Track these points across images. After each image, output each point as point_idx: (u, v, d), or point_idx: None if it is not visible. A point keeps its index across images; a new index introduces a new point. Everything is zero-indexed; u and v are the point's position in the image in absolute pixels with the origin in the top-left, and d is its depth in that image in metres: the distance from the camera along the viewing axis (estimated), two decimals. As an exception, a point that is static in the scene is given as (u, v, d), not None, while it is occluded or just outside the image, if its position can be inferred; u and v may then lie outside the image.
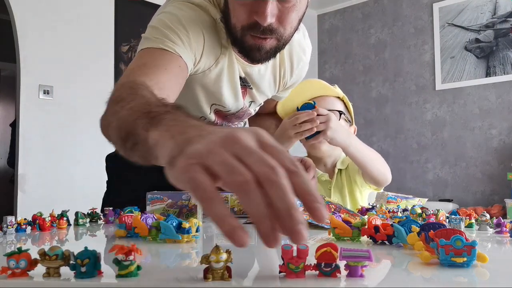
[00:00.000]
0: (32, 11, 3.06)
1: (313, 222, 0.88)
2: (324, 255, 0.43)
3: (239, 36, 0.96)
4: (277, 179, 0.37)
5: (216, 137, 0.41)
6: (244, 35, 0.95)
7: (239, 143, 0.40)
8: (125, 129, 0.61)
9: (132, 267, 0.43)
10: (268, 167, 0.37)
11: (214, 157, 0.39)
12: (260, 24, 0.90)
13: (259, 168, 0.37)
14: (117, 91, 0.76)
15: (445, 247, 0.46)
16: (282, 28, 0.94)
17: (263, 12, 0.88)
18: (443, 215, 0.91)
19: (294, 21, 0.96)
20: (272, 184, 0.37)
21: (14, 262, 0.44)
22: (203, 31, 0.98)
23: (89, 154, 3.25)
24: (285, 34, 0.96)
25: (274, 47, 0.98)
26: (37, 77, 3.06)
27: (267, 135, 0.42)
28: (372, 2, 4.84)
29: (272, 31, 0.93)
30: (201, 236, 0.77)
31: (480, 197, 4.08)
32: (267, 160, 0.38)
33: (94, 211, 1.03)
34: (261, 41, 0.95)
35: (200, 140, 0.42)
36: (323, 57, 5.15)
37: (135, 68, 0.87)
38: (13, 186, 3.07)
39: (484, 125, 4.08)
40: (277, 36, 0.95)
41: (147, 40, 0.94)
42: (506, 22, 4.00)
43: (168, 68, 0.89)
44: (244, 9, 0.91)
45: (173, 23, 0.94)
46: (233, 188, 0.38)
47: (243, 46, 0.98)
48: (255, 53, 0.98)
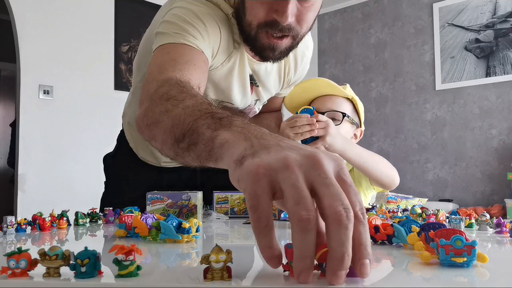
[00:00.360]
0: (32, 11, 3.06)
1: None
2: (325, 255, 0.43)
3: (253, 34, 0.95)
4: (346, 223, 0.36)
5: (297, 154, 0.40)
6: (259, 32, 0.93)
7: (320, 169, 0.39)
8: (182, 129, 0.59)
9: (132, 267, 0.43)
10: (342, 206, 0.37)
11: (289, 175, 0.38)
12: (279, 23, 0.89)
13: (332, 204, 0.37)
14: (161, 87, 0.73)
15: (445, 247, 0.46)
16: (299, 27, 0.93)
17: (285, 11, 0.87)
18: (443, 215, 0.91)
19: (310, 20, 0.96)
20: (339, 227, 0.36)
21: (14, 262, 0.44)
22: (219, 25, 0.96)
23: (89, 154, 3.25)
24: (300, 33, 0.95)
25: (289, 47, 0.98)
26: (37, 77, 3.06)
27: (346, 169, 0.42)
28: (372, 2, 4.84)
29: (290, 29, 0.92)
30: (201, 236, 0.77)
31: (480, 197, 4.08)
32: (343, 198, 0.37)
33: (94, 211, 1.03)
34: (277, 41, 0.94)
35: (279, 150, 0.41)
36: (323, 57, 5.15)
37: (166, 64, 0.84)
38: (13, 186, 3.07)
39: (484, 125, 4.08)
40: (293, 34, 0.94)
41: (166, 35, 0.90)
42: (506, 22, 4.00)
43: (196, 64, 0.87)
44: (263, 6, 0.90)
45: (191, 18, 0.91)
46: (292, 218, 0.37)
47: (255, 44, 0.97)
48: (269, 52, 0.97)
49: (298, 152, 0.41)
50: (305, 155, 0.40)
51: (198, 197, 1.04)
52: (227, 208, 1.15)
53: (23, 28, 3.02)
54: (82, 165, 3.21)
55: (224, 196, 1.16)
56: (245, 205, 1.16)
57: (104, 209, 1.03)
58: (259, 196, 0.38)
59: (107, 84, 3.41)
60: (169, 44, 0.89)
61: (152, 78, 0.81)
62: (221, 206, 1.15)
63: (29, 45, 3.03)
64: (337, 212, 0.37)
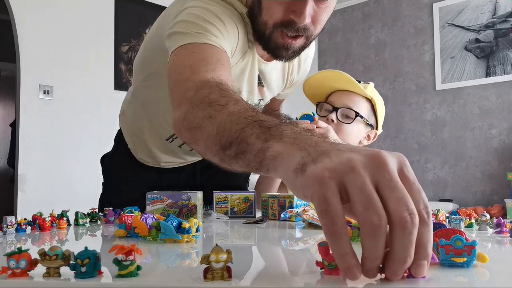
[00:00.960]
0: (32, 11, 3.06)
1: (314, 223, 0.88)
2: None
3: (267, 33, 0.95)
4: (411, 229, 0.37)
5: (360, 155, 0.40)
6: (274, 32, 0.94)
7: (385, 170, 0.39)
8: (228, 137, 0.57)
9: (132, 267, 0.43)
10: (407, 211, 0.37)
11: (355, 178, 0.38)
12: (295, 23, 0.90)
13: (398, 209, 0.37)
14: (200, 90, 0.72)
15: (445, 247, 0.46)
16: (314, 28, 0.94)
17: (303, 12, 0.88)
18: (443, 215, 0.91)
19: (324, 21, 0.97)
20: (404, 232, 0.37)
21: (14, 262, 0.44)
22: (237, 25, 0.95)
23: (89, 154, 3.25)
24: (314, 33, 0.96)
25: (301, 46, 0.99)
26: (37, 77, 3.06)
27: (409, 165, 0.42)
28: (372, 2, 4.84)
29: (306, 30, 0.93)
30: (201, 236, 0.77)
31: (480, 197, 4.08)
32: (408, 202, 0.37)
33: (94, 211, 1.03)
34: (291, 41, 0.94)
35: (340, 154, 0.40)
36: (323, 57, 5.15)
37: (196, 64, 0.81)
38: (13, 186, 3.07)
39: (484, 125, 4.08)
40: (308, 35, 0.95)
41: (187, 35, 0.87)
42: (506, 22, 4.00)
43: (224, 64, 0.85)
44: (281, 6, 0.90)
45: (210, 17, 0.89)
46: (362, 223, 0.37)
47: (269, 43, 0.97)
48: (282, 51, 0.97)
49: (360, 153, 0.40)
50: (369, 156, 0.40)
51: (198, 197, 1.04)
52: (227, 208, 1.15)
53: (23, 28, 3.02)
54: (82, 165, 3.21)
55: (224, 196, 1.16)
56: (245, 205, 1.16)
57: (104, 209, 1.03)
58: (329, 199, 0.38)
59: (107, 84, 3.40)
60: (191, 44, 0.85)
61: (185, 78, 0.79)
62: (221, 206, 1.15)
63: (29, 45, 3.03)
64: (402, 218, 0.37)
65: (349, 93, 1.32)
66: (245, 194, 1.17)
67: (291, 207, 1.06)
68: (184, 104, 0.73)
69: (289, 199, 1.07)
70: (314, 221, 0.88)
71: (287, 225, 1.00)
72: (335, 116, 1.29)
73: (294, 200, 1.06)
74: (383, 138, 4.62)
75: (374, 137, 1.39)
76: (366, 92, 1.32)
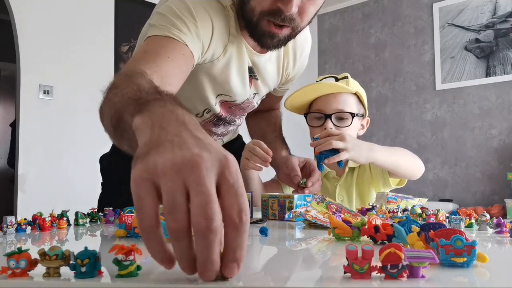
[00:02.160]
0: (32, 11, 3.06)
1: (316, 222, 0.89)
2: (390, 256, 0.42)
3: (254, 20, 0.98)
4: (205, 234, 0.37)
5: (180, 156, 0.40)
6: (261, 19, 0.97)
7: (195, 174, 0.39)
8: (116, 116, 0.59)
9: (132, 267, 0.43)
10: (205, 217, 0.37)
11: (165, 182, 0.39)
12: (282, 12, 0.93)
13: (196, 214, 0.38)
14: (115, 79, 0.74)
15: (445, 247, 0.46)
16: (300, 19, 0.98)
17: (290, 1, 0.91)
18: (443, 215, 0.91)
19: (311, 14, 1.00)
20: (198, 237, 0.38)
21: (14, 262, 0.44)
22: (212, 18, 0.98)
23: (89, 154, 3.24)
24: (301, 25, 1.00)
25: (287, 36, 1.01)
26: (37, 77, 3.06)
27: (236, 167, 0.41)
28: (372, 2, 4.84)
29: (292, 20, 0.96)
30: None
31: (480, 197, 4.08)
32: (208, 209, 0.38)
33: (94, 211, 1.03)
34: (277, 29, 0.97)
35: (165, 150, 0.41)
36: (323, 57, 5.15)
37: (137, 56, 0.87)
38: (13, 186, 3.07)
39: (484, 125, 4.08)
40: (294, 26, 0.98)
41: (153, 28, 0.93)
42: (506, 22, 4.00)
43: (170, 56, 0.87)
44: None
45: (181, 11, 0.93)
46: (167, 226, 0.39)
47: (256, 30, 1.00)
48: (267, 39, 1.00)
49: (182, 153, 0.40)
50: (186, 159, 0.40)
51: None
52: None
53: (23, 28, 3.02)
54: (82, 165, 3.21)
55: None
56: None
57: (104, 209, 1.03)
58: (142, 199, 0.39)
59: (107, 84, 3.40)
60: (153, 37, 0.91)
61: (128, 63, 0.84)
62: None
63: (29, 45, 3.03)
64: (197, 223, 0.37)
65: (334, 95, 1.29)
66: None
67: (291, 208, 1.06)
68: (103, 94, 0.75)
69: (289, 199, 1.07)
70: (317, 222, 0.88)
71: (287, 225, 1.00)
72: (331, 124, 1.27)
73: (294, 200, 1.06)
74: (383, 138, 4.62)
75: (367, 124, 1.39)
76: (350, 89, 1.30)
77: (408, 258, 0.42)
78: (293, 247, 0.76)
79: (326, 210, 0.94)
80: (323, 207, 0.96)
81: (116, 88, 0.67)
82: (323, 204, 0.97)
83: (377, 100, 4.73)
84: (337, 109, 1.28)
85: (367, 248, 0.42)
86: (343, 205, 1.00)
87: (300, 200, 1.07)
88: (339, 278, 0.43)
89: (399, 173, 1.25)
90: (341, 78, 1.32)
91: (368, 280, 0.41)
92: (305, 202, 1.07)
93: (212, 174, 0.40)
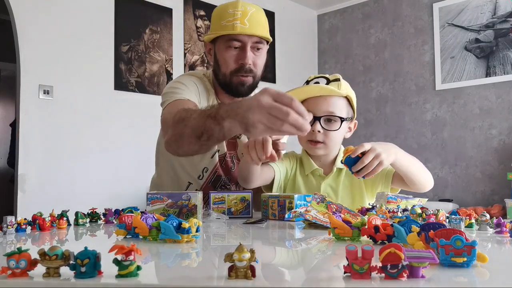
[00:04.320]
0: (32, 11, 3.06)
1: (316, 222, 0.88)
2: (390, 256, 0.42)
3: (228, 80, 1.41)
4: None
5: (263, 101, 0.89)
6: (232, 77, 1.40)
7: (277, 101, 0.88)
8: (199, 130, 1.05)
9: (132, 267, 0.43)
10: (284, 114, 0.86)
11: (277, 111, 0.87)
12: (244, 65, 1.38)
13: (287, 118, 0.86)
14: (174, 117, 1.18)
15: (445, 247, 0.46)
16: (256, 69, 1.41)
17: (246, 56, 1.38)
18: (443, 215, 0.91)
19: (262, 65, 1.44)
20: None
21: (14, 262, 0.44)
22: (197, 85, 1.45)
23: (89, 154, 3.25)
24: (257, 74, 1.43)
25: (251, 84, 1.42)
26: (37, 77, 3.06)
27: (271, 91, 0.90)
28: (372, 2, 4.84)
29: (251, 71, 1.40)
30: (201, 236, 0.77)
31: (480, 197, 4.08)
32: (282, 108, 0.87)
33: (94, 211, 1.03)
34: (244, 78, 1.40)
35: (254, 103, 0.90)
36: (323, 57, 5.15)
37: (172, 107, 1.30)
38: (13, 186, 3.07)
39: (484, 125, 4.08)
40: (253, 75, 1.41)
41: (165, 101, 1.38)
42: (506, 22, 4.00)
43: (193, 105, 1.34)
44: (232, 58, 1.39)
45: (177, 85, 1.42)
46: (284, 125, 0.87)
47: (230, 86, 1.41)
48: (240, 88, 1.41)
49: (261, 99, 0.90)
50: (266, 98, 0.91)
51: (198, 197, 1.04)
52: (223, 208, 1.15)
53: (23, 28, 3.02)
54: (82, 165, 3.21)
55: (221, 196, 1.16)
56: (242, 205, 1.16)
57: (104, 209, 1.03)
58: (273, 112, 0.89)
59: (107, 84, 3.40)
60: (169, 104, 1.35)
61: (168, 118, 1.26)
62: (217, 206, 1.15)
63: (29, 45, 3.03)
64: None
65: (325, 97, 1.29)
66: (242, 194, 1.17)
67: (291, 208, 1.06)
68: (169, 128, 1.20)
69: (289, 199, 1.07)
70: (317, 221, 0.89)
71: (287, 225, 1.00)
72: (319, 126, 1.28)
73: (294, 200, 1.06)
74: (383, 138, 4.62)
75: (354, 127, 1.39)
76: (341, 92, 1.29)
77: (408, 258, 0.42)
78: (293, 247, 0.76)
79: (326, 210, 0.94)
80: (323, 207, 0.96)
81: (185, 120, 1.12)
82: (323, 204, 0.97)
83: (377, 100, 4.73)
84: (327, 111, 1.28)
85: (367, 248, 0.42)
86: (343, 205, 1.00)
87: (300, 200, 1.07)
88: (339, 278, 0.43)
89: (412, 179, 1.24)
90: (333, 80, 1.30)
91: (368, 280, 0.41)
92: (305, 202, 1.07)
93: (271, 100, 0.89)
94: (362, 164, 1.09)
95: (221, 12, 1.41)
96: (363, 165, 1.09)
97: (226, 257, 0.42)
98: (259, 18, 1.40)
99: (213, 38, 1.43)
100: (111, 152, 3.33)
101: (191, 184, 1.50)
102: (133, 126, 3.45)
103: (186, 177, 1.50)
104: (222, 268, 0.44)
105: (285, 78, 4.62)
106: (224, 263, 0.43)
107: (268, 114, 0.87)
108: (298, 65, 4.83)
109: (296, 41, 4.87)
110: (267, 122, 0.87)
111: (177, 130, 1.13)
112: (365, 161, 1.09)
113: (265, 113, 0.87)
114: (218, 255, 0.64)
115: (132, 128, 3.45)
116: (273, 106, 0.86)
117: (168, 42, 3.75)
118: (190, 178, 1.49)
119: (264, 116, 0.87)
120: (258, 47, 1.40)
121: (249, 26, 1.36)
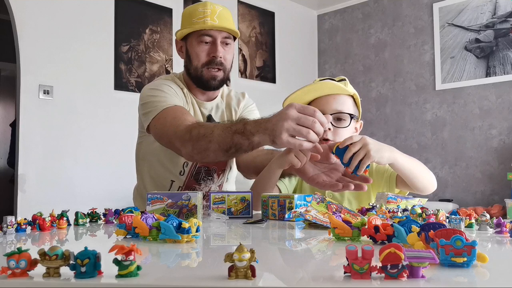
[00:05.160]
0: (32, 11, 3.06)
1: (316, 222, 0.88)
2: (390, 256, 0.42)
3: (199, 73, 1.48)
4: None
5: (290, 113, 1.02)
6: (203, 70, 1.47)
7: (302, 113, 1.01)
8: (226, 144, 1.15)
9: (132, 267, 0.43)
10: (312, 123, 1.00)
11: (303, 120, 1.00)
12: (215, 57, 1.46)
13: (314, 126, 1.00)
14: (192, 131, 1.23)
15: (445, 247, 0.46)
16: (226, 62, 1.49)
17: (217, 50, 1.46)
18: (443, 215, 0.91)
19: (230, 60, 1.53)
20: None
21: (14, 262, 0.44)
22: (170, 86, 1.48)
23: (89, 154, 3.25)
24: (227, 68, 1.51)
25: (222, 78, 1.50)
26: (37, 77, 3.06)
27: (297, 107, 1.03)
28: (372, 2, 4.84)
29: (221, 63, 1.48)
30: (201, 236, 0.77)
31: (480, 197, 4.08)
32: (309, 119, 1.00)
33: (94, 211, 1.03)
34: (215, 73, 1.48)
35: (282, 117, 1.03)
36: (323, 57, 5.15)
37: (175, 119, 1.32)
38: (13, 186, 3.07)
39: (484, 125, 4.08)
40: (223, 68, 1.49)
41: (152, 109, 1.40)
42: (506, 22, 4.00)
43: (184, 111, 1.39)
44: (204, 52, 1.47)
45: (156, 92, 1.45)
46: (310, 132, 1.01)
47: (202, 79, 1.48)
48: (211, 81, 1.48)
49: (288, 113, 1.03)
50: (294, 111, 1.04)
51: (198, 197, 1.04)
52: (223, 208, 1.15)
53: (23, 28, 3.02)
54: (82, 165, 3.21)
55: (221, 196, 1.16)
56: (242, 205, 1.16)
57: (104, 209, 1.03)
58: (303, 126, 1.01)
59: (107, 84, 3.40)
60: (158, 113, 1.37)
61: (171, 131, 1.30)
62: (217, 206, 1.15)
63: (29, 45, 3.03)
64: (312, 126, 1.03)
65: (334, 97, 1.31)
66: (242, 194, 1.17)
67: (291, 208, 1.06)
68: (188, 143, 1.23)
69: (289, 199, 1.07)
70: (317, 222, 0.88)
71: (287, 225, 1.00)
72: (329, 124, 1.29)
73: (294, 200, 1.06)
74: (383, 138, 4.62)
75: (360, 127, 1.40)
76: (349, 90, 1.32)
77: (408, 258, 0.42)
78: (293, 247, 0.76)
79: (326, 210, 0.94)
80: (323, 207, 0.96)
81: (205, 137, 1.19)
82: (323, 204, 0.97)
83: (377, 100, 4.73)
84: (336, 109, 1.30)
85: (367, 248, 0.42)
86: (343, 205, 1.00)
87: (300, 200, 1.07)
88: (339, 278, 0.43)
89: (414, 181, 1.23)
90: (339, 81, 1.34)
91: (368, 280, 0.41)
92: (305, 202, 1.07)
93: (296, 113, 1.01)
94: (350, 152, 1.09)
95: (191, 11, 1.50)
96: (351, 153, 1.09)
97: (226, 257, 0.42)
98: (227, 16, 1.50)
99: (184, 35, 1.51)
100: (111, 152, 3.33)
101: (174, 182, 1.52)
102: (133, 126, 3.44)
103: (168, 175, 1.53)
104: (222, 268, 0.44)
105: (285, 78, 4.62)
106: (224, 263, 0.43)
107: (295, 124, 1.00)
108: (298, 65, 4.83)
109: (296, 41, 4.87)
110: (293, 132, 1.01)
111: (200, 146, 1.19)
112: (352, 150, 1.09)
113: (293, 124, 1.00)
114: (218, 255, 0.64)
115: (132, 128, 3.44)
116: (301, 116, 1.00)
117: (168, 42, 3.75)
118: (172, 176, 1.52)
119: (291, 126, 1.00)
120: (227, 42, 1.49)
121: (218, 22, 1.46)
